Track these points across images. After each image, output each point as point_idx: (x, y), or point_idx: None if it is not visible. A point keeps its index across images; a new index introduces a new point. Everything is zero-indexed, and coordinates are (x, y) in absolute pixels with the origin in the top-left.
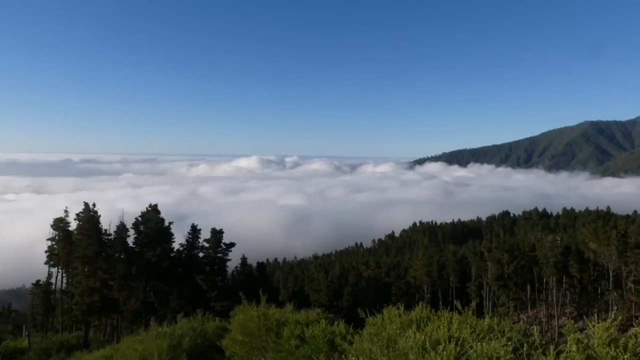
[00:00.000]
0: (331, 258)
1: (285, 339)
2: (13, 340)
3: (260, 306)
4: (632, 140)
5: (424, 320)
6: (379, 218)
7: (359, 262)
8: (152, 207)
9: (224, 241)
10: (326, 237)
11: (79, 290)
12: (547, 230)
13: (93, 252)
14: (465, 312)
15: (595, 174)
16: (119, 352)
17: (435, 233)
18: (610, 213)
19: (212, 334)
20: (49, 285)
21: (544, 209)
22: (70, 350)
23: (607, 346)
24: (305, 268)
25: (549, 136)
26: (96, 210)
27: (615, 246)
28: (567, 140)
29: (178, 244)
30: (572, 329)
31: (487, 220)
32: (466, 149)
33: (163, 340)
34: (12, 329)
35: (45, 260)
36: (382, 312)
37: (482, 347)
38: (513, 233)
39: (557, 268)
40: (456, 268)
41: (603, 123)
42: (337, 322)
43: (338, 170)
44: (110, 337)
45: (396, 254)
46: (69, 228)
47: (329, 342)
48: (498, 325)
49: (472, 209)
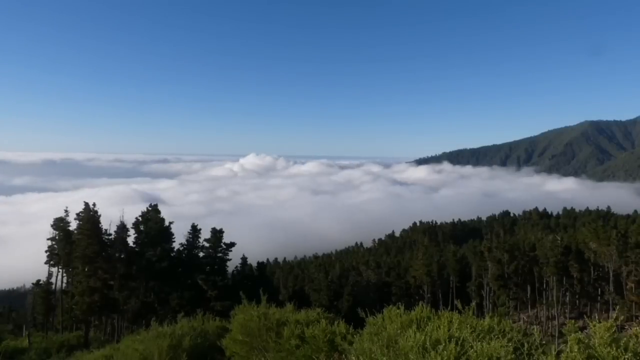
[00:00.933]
0: (331, 258)
1: (286, 338)
2: (13, 340)
3: (260, 306)
4: (632, 140)
5: (424, 320)
6: (378, 218)
7: (359, 262)
8: (152, 207)
9: (224, 241)
10: (326, 237)
11: (79, 290)
12: (547, 230)
13: (93, 252)
14: (465, 312)
15: (596, 173)
16: (119, 351)
17: (435, 233)
18: (610, 213)
19: (212, 334)
20: (49, 285)
21: (544, 209)
22: (71, 350)
23: (608, 346)
24: (305, 268)
25: (549, 136)
26: (96, 210)
27: (615, 246)
28: (567, 140)
29: (178, 244)
30: (572, 329)
31: (487, 220)
32: (466, 149)
33: (163, 340)
34: (12, 329)
35: (45, 260)
36: (382, 312)
37: (483, 347)
38: (513, 233)
39: (557, 268)
40: (456, 268)
41: (603, 123)
42: (337, 322)
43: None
44: (111, 336)
45: (396, 254)
46: (69, 228)
47: (329, 342)
48: (498, 325)
49: (472, 209)
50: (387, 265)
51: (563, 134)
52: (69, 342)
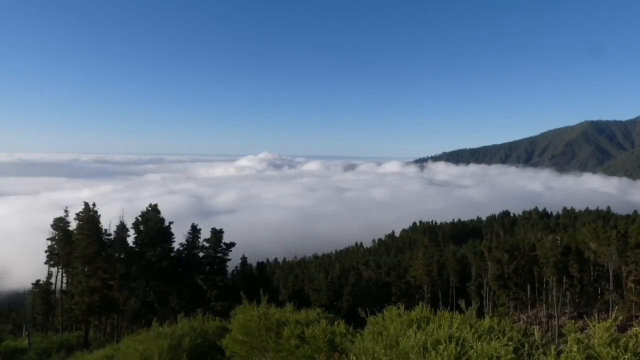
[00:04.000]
0: (331, 258)
1: (286, 338)
2: (13, 340)
3: (260, 306)
4: (632, 140)
5: (424, 320)
6: (378, 218)
7: (359, 262)
8: (152, 207)
9: (224, 241)
10: (326, 237)
11: (79, 290)
12: (547, 230)
13: (93, 252)
14: (468, 312)
15: (596, 173)
16: (119, 351)
17: (435, 233)
18: (610, 213)
19: (212, 334)
20: (49, 285)
21: (544, 209)
22: (71, 350)
23: (607, 346)
24: (305, 268)
25: (549, 136)
26: (96, 210)
27: (615, 246)
28: (567, 140)
29: (178, 244)
30: (572, 329)
31: (487, 220)
32: (466, 148)
33: (163, 340)
34: (12, 329)
35: (45, 260)
36: (382, 312)
37: (483, 347)
38: (513, 233)
39: (557, 268)
40: (456, 268)
41: (603, 123)
42: (337, 322)
43: (337, 170)
44: (111, 337)
45: (396, 254)
46: (69, 228)
47: (329, 341)
48: (498, 325)
49: (472, 209)
50: (387, 265)
51: (563, 134)
52: (69, 342)
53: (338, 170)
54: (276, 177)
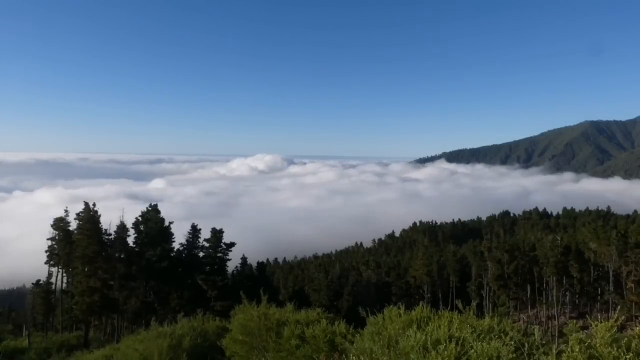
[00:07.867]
0: (331, 258)
1: (286, 338)
2: (13, 340)
3: (260, 306)
4: (632, 140)
5: (424, 320)
6: (378, 218)
7: (359, 262)
8: (152, 207)
9: (223, 241)
10: (326, 237)
11: (79, 290)
12: (547, 230)
13: (93, 252)
14: (466, 311)
15: (595, 173)
16: (119, 351)
17: (435, 233)
18: (610, 213)
19: (212, 334)
20: (49, 285)
21: (544, 209)
22: (71, 350)
23: (609, 346)
24: (305, 268)
25: (549, 136)
26: (96, 210)
27: (615, 246)
28: (567, 140)
29: (178, 244)
30: (573, 329)
31: (487, 220)
32: (466, 148)
33: (163, 340)
34: (12, 329)
35: (45, 260)
36: (382, 312)
37: (483, 347)
38: (513, 233)
39: (557, 268)
40: (456, 268)
41: (603, 123)
42: (338, 322)
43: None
44: (111, 336)
45: (396, 254)
46: (69, 228)
47: (329, 341)
48: (498, 325)
49: (472, 209)
50: (387, 265)
51: (563, 134)
52: (69, 342)
53: (338, 170)
54: (276, 177)
